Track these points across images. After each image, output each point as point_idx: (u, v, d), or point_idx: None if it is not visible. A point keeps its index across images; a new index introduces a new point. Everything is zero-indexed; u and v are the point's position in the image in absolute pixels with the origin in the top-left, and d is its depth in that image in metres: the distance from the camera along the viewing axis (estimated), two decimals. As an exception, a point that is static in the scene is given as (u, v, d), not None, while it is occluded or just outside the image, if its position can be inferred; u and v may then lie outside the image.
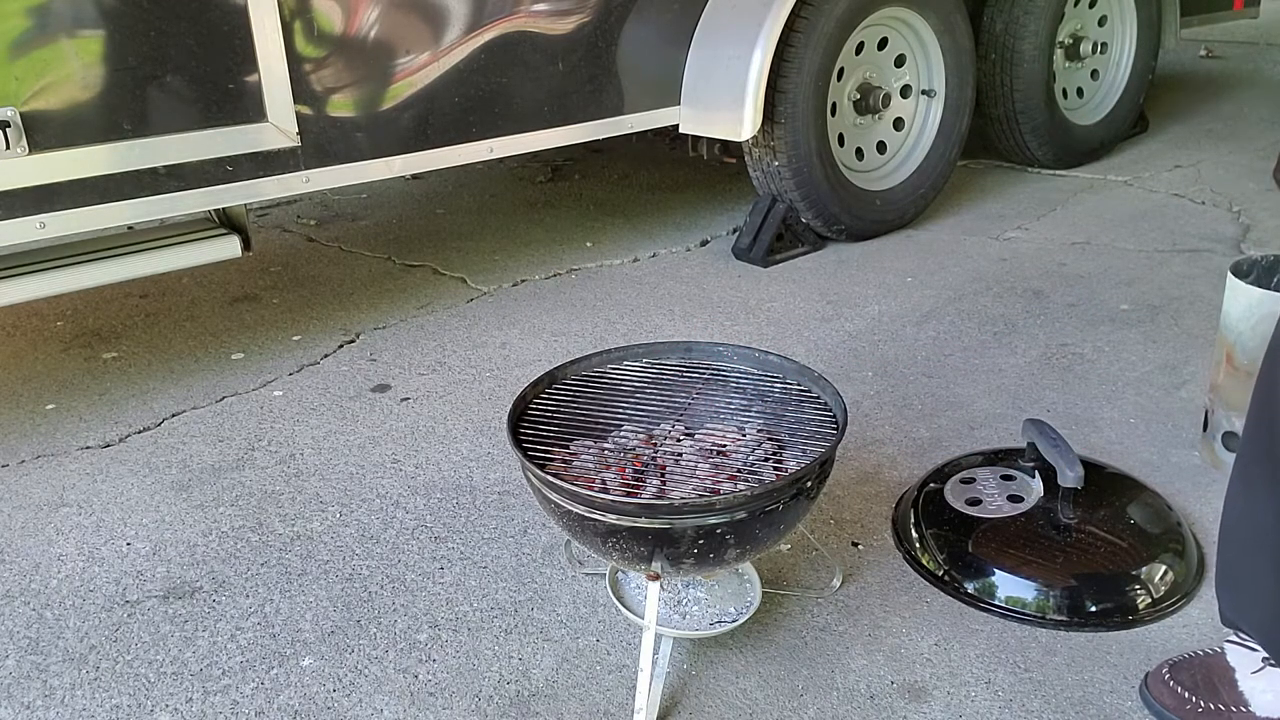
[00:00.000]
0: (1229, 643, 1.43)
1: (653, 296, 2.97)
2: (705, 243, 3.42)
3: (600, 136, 2.89)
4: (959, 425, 2.23)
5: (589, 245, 3.43)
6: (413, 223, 3.72)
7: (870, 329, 2.71)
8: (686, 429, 1.61)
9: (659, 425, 1.61)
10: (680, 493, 1.45)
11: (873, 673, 1.55)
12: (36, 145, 2.03)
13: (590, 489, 1.40)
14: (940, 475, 1.93)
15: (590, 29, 2.76)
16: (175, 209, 2.23)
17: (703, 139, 3.23)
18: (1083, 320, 2.72)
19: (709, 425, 1.62)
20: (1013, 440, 2.13)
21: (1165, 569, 1.69)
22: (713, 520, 1.36)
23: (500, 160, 4.39)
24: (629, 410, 1.64)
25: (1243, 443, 1.36)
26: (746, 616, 1.57)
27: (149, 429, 2.33)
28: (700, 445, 1.56)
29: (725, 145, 3.23)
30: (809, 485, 1.44)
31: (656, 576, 1.42)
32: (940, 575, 1.74)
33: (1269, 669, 1.38)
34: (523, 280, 3.14)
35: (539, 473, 1.41)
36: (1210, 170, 3.97)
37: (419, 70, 2.49)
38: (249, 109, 2.26)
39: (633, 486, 1.47)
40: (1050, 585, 1.66)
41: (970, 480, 1.89)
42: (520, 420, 1.57)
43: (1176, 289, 2.90)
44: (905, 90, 3.42)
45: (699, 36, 2.99)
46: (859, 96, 3.28)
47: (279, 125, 2.30)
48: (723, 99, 2.93)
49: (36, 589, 1.80)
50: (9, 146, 1.99)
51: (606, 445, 1.56)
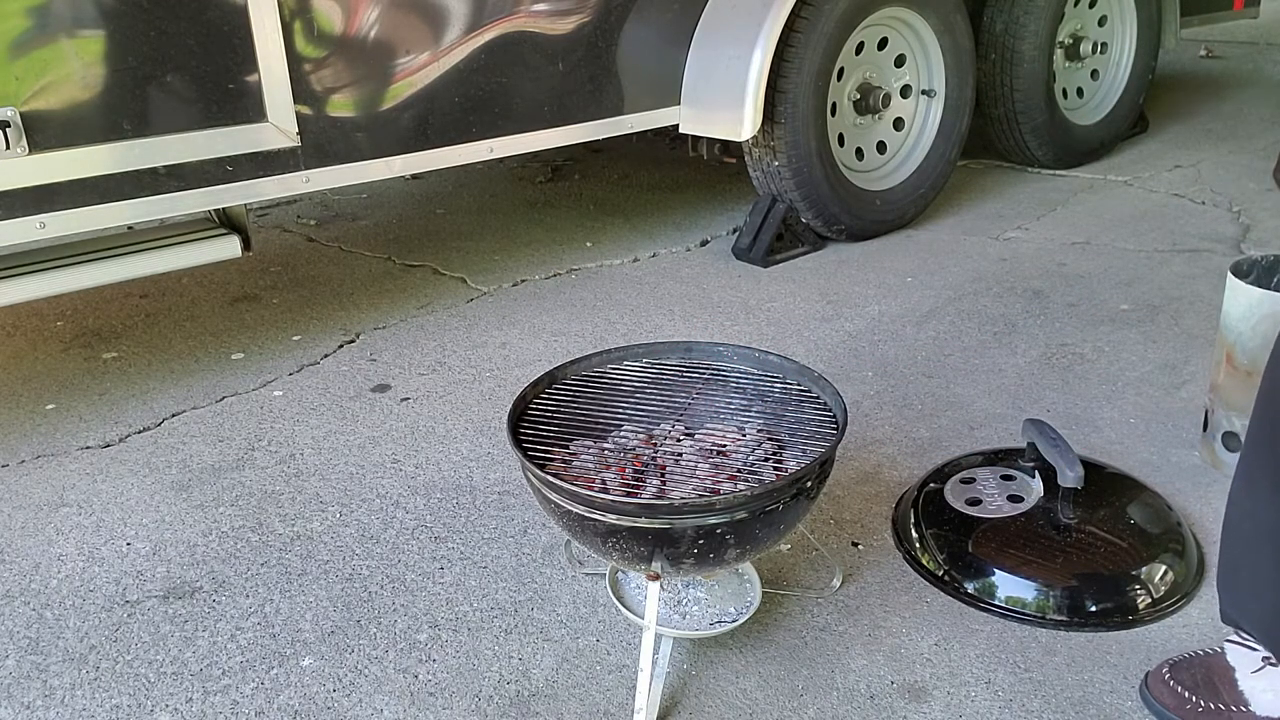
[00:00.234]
0: (1229, 642, 1.43)
1: (653, 296, 2.97)
2: (705, 243, 3.42)
3: (600, 136, 2.89)
4: (959, 425, 2.23)
5: (589, 245, 3.43)
6: (413, 223, 3.72)
7: (870, 329, 2.71)
8: (686, 429, 1.61)
9: (659, 425, 1.61)
10: (680, 493, 1.45)
11: (873, 673, 1.55)
12: (36, 145, 2.04)
13: (590, 489, 1.40)
14: (940, 475, 1.93)
15: (590, 29, 2.76)
16: (175, 209, 2.23)
17: (703, 139, 3.23)
18: (1083, 320, 2.72)
19: (709, 425, 1.62)
20: (1013, 440, 2.13)
21: (1165, 569, 1.69)
22: (713, 520, 1.36)
23: (500, 160, 4.39)
24: (629, 410, 1.64)
25: (1246, 441, 1.36)
26: (746, 616, 1.57)
27: (149, 429, 2.33)
28: (700, 445, 1.56)
29: (725, 145, 3.23)
30: (809, 485, 1.44)
31: (656, 576, 1.42)
32: (940, 575, 1.74)
33: (1269, 668, 1.38)
34: (523, 280, 3.14)
35: (539, 473, 1.41)
36: (1210, 170, 3.97)
37: (419, 70, 2.49)
38: (249, 109, 2.26)
39: (633, 486, 1.47)
40: (1050, 585, 1.66)
41: (970, 480, 1.89)
42: (520, 420, 1.57)
43: (1176, 289, 2.90)
44: (905, 90, 3.42)
45: (699, 36, 2.99)
46: (859, 96, 3.28)
47: (279, 125, 2.31)
48: (723, 99, 2.93)
49: (36, 589, 1.80)
50: (9, 146, 1.99)
51: (606, 445, 1.56)
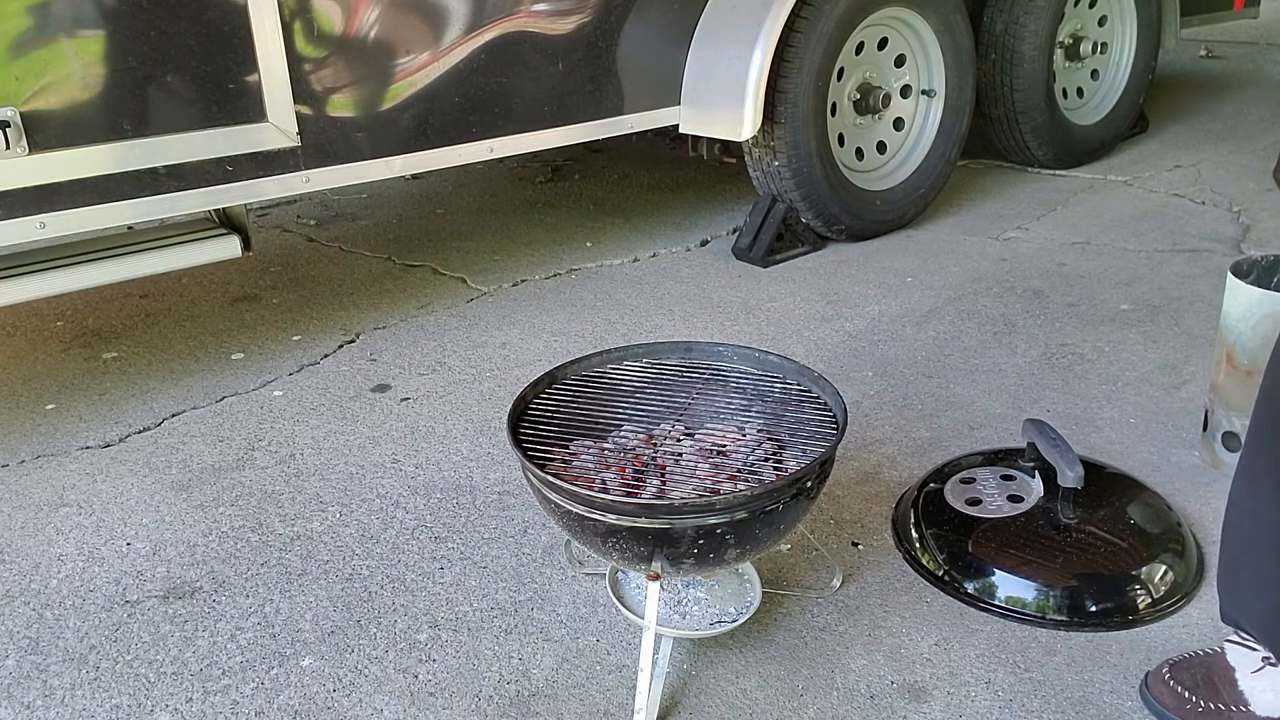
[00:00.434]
0: (1229, 642, 1.43)
1: (653, 296, 2.97)
2: (705, 243, 3.42)
3: (600, 136, 2.89)
4: (959, 425, 2.23)
5: (589, 245, 3.43)
6: (413, 223, 3.72)
7: (870, 329, 2.71)
8: (686, 429, 1.61)
9: (659, 425, 1.61)
10: (680, 493, 1.45)
11: (873, 673, 1.55)
12: (36, 145, 2.04)
13: (590, 489, 1.40)
14: (940, 475, 1.93)
15: (590, 29, 2.76)
16: (175, 209, 2.23)
17: (703, 139, 3.23)
18: (1083, 320, 2.72)
19: (709, 425, 1.62)
20: (1013, 440, 2.13)
21: (1165, 569, 1.69)
22: (713, 520, 1.36)
23: (500, 160, 4.39)
24: (629, 410, 1.64)
25: (1247, 441, 1.36)
26: (746, 616, 1.57)
27: (149, 429, 2.33)
28: (700, 445, 1.56)
29: (725, 145, 3.23)
30: (809, 485, 1.44)
31: (656, 576, 1.42)
32: (940, 575, 1.74)
33: (1269, 668, 1.38)
34: (523, 280, 3.14)
35: (539, 473, 1.41)
36: (1210, 170, 3.97)
37: (419, 70, 2.49)
38: (249, 109, 2.26)
39: (633, 486, 1.47)
40: (1050, 585, 1.66)
41: (970, 480, 1.89)
42: (520, 420, 1.57)
43: (1176, 289, 2.90)
44: (905, 90, 3.42)
45: (699, 36, 2.99)
46: (859, 96, 3.28)
47: (279, 125, 2.31)
48: (723, 99, 2.93)
49: (36, 589, 1.80)
50: (9, 146, 1.99)
51: (606, 445, 1.56)
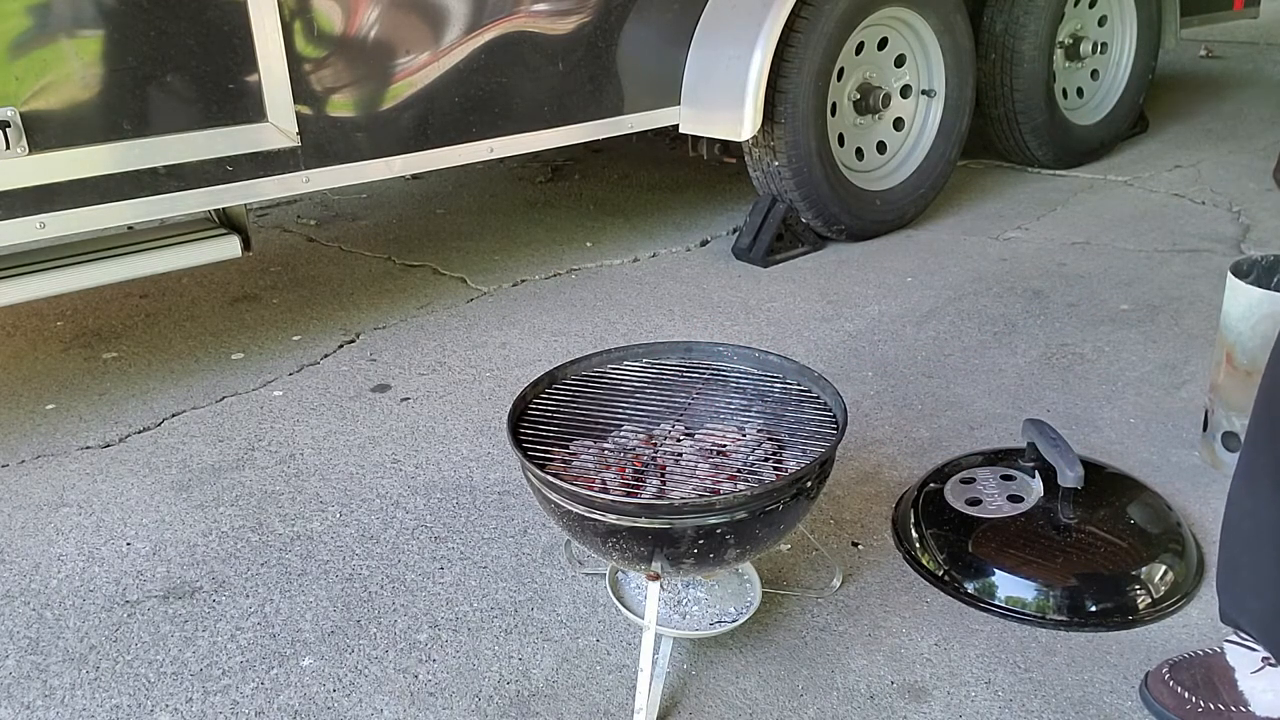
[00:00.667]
0: (1228, 642, 1.43)
1: (653, 296, 2.97)
2: (705, 243, 3.42)
3: (600, 136, 2.89)
4: (959, 425, 2.23)
5: (589, 245, 3.43)
6: (413, 223, 3.72)
7: (870, 329, 2.71)
8: (686, 429, 1.61)
9: (659, 425, 1.61)
10: (680, 493, 1.45)
11: (873, 673, 1.55)
12: (36, 145, 2.04)
13: (590, 489, 1.40)
14: (940, 475, 1.93)
15: (590, 29, 2.76)
16: (175, 209, 2.23)
17: (703, 139, 3.23)
18: (1083, 320, 2.72)
19: (709, 425, 1.62)
20: (1013, 440, 2.13)
21: (1165, 569, 1.69)
22: (713, 520, 1.36)
23: (500, 160, 4.39)
24: (629, 410, 1.64)
25: (1246, 440, 1.36)
26: (746, 616, 1.57)
27: (149, 429, 2.33)
28: (700, 445, 1.56)
29: (725, 145, 3.23)
30: (809, 485, 1.44)
31: (656, 576, 1.42)
32: (940, 575, 1.74)
33: (1268, 669, 1.38)
34: (523, 280, 3.14)
35: (539, 473, 1.41)
36: (1210, 170, 3.97)
37: (419, 70, 2.49)
38: (249, 109, 2.26)
39: (633, 486, 1.47)
40: (1050, 585, 1.66)
41: (970, 480, 1.89)
42: (520, 420, 1.57)
43: (1176, 289, 2.90)
44: (905, 90, 3.42)
45: (699, 36, 2.99)
46: (859, 96, 3.28)
47: (279, 125, 2.31)
48: (723, 99, 2.93)
49: (36, 589, 1.80)
50: (9, 146, 1.99)
51: (606, 445, 1.56)
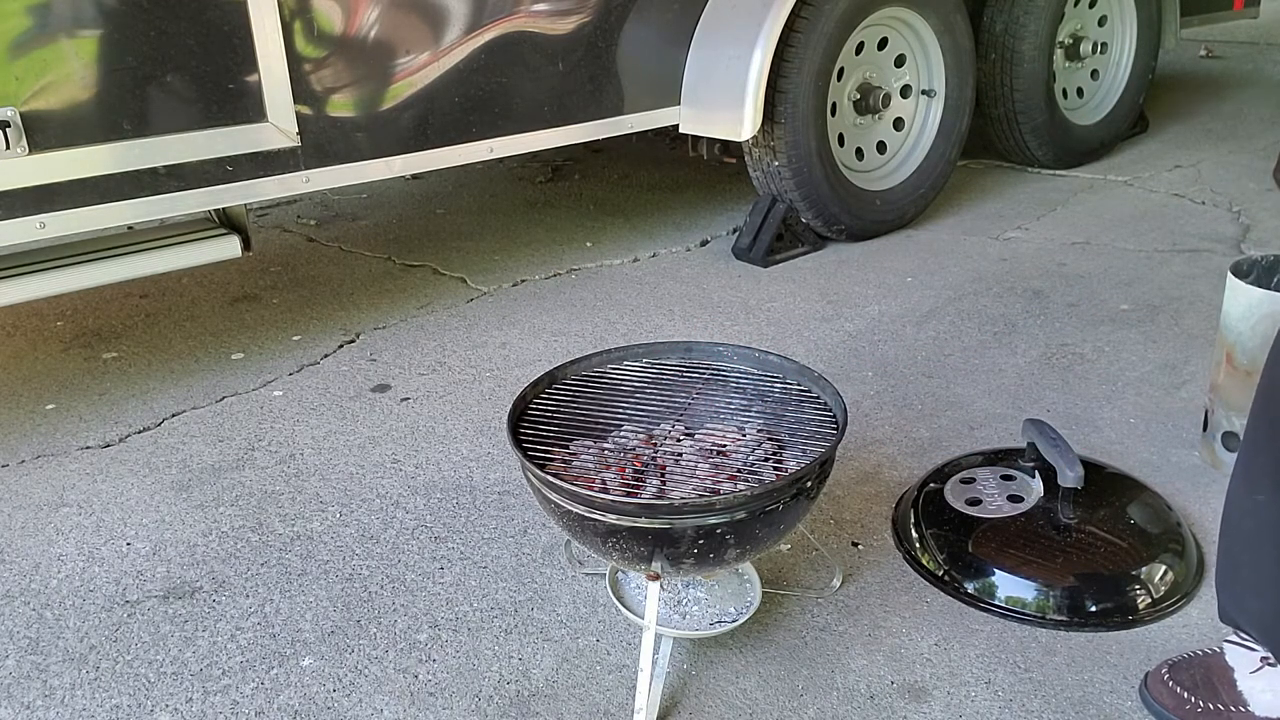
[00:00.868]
0: (1228, 643, 1.43)
1: (653, 296, 2.97)
2: (705, 243, 3.42)
3: (600, 136, 2.89)
4: (959, 425, 2.23)
5: (589, 245, 3.43)
6: (413, 223, 3.72)
7: (870, 329, 2.71)
8: (686, 429, 1.61)
9: (659, 425, 1.61)
10: (680, 493, 1.45)
11: (873, 673, 1.55)
12: (36, 145, 2.04)
13: (590, 489, 1.40)
14: (940, 475, 1.93)
15: (590, 29, 2.76)
16: (175, 209, 2.23)
17: (703, 139, 3.23)
18: (1083, 320, 2.72)
19: (709, 425, 1.62)
20: (1013, 440, 2.13)
21: (1165, 569, 1.69)
22: (713, 520, 1.36)
23: (500, 160, 4.39)
24: (629, 410, 1.64)
25: (1245, 439, 1.36)
26: (746, 616, 1.57)
27: (149, 429, 2.33)
28: (700, 445, 1.56)
29: (725, 145, 3.23)
30: (809, 485, 1.44)
31: (656, 576, 1.42)
32: (940, 575, 1.74)
33: (1268, 669, 1.38)
34: (523, 280, 3.14)
35: (539, 473, 1.41)
36: (1210, 170, 3.97)
37: (419, 70, 2.49)
38: (249, 109, 2.26)
39: (633, 486, 1.47)
40: (1050, 585, 1.66)
41: (970, 480, 1.89)
42: (520, 420, 1.57)
43: (1176, 289, 2.90)
44: (905, 90, 3.42)
45: (699, 36, 2.99)
46: (859, 96, 3.28)
47: (279, 125, 2.31)
48: (723, 99, 2.93)
49: (36, 589, 1.80)
50: (9, 146, 1.99)
51: (606, 445, 1.56)
